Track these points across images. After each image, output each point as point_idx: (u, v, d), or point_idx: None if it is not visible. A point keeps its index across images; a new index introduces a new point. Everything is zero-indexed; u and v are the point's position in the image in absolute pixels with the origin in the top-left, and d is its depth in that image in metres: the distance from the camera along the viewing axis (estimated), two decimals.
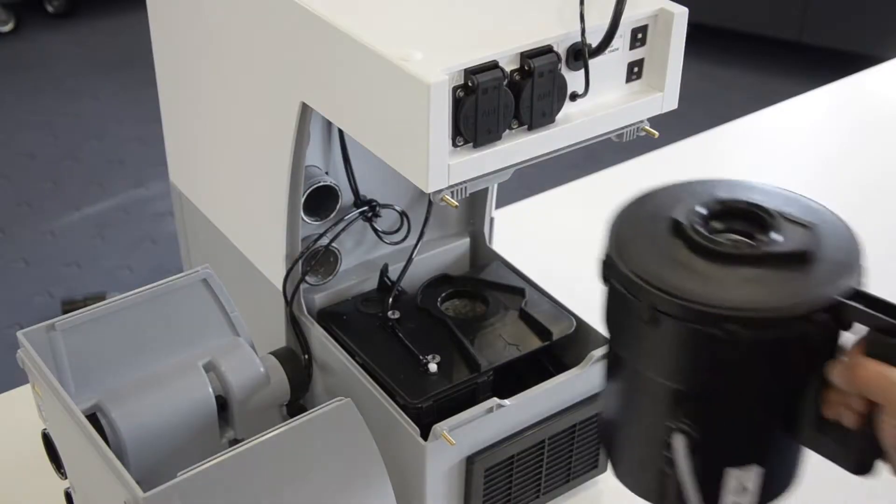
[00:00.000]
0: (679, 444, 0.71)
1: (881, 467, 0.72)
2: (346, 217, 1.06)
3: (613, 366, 0.78)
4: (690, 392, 0.71)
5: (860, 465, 0.72)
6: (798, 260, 0.70)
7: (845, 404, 0.70)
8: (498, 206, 1.20)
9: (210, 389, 0.93)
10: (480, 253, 1.18)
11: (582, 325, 1.04)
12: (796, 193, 0.78)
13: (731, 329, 0.66)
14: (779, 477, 0.77)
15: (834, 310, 0.68)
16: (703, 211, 0.74)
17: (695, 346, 0.68)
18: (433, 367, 0.97)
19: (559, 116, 0.81)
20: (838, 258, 0.72)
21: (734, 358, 0.68)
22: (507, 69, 0.78)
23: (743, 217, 0.75)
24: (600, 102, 0.84)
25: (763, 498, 0.76)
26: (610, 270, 0.70)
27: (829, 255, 0.72)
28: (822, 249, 0.72)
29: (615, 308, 0.72)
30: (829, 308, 0.68)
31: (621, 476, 0.82)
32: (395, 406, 0.94)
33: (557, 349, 1.03)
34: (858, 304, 0.69)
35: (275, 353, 1.00)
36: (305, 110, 0.91)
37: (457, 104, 0.76)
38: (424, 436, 0.91)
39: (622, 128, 0.87)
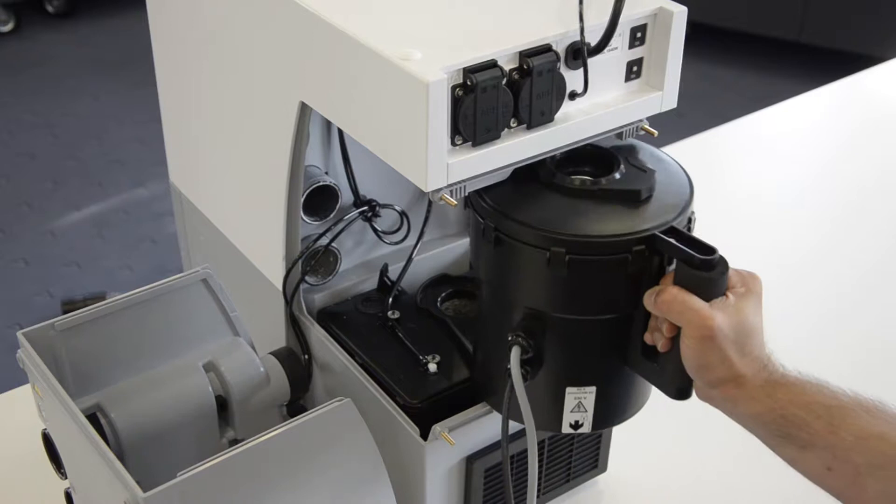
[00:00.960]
0: (514, 355, 0.83)
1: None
2: (346, 217, 1.06)
3: (477, 291, 0.91)
4: (527, 308, 0.83)
5: (679, 391, 0.83)
6: (630, 197, 0.82)
7: (658, 329, 0.81)
8: None
9: (210, 389, 0.93)
10: None
11: None
12: (650, 146, 0.91)
13: (558, 251, 0.78)
14: (615, 400, 0.89)
15: (650, 242, 0.79)
16: (559, 155, 0.85)
17: (528, 265, 0.80)
18: (433, 367, 0.97)
19: (558, 115, 0.81)
20: (667, 200, 0.84)
21: (562, 278, 0.79)
22: (506, 68, 0.78)
23: (592, 161, 0.86)
24: (599, 101, 0.84)
25: (600, 417, 0.88)
26: (472, 203, 0.84)
27: (660, 197, 0.84)
28: (654, 191, 0.84)
29: (474, 234, 0.84)
30: (646, 240, 0.79)
31: (486, 396, 0.92)
32: (395, 406, 0.94)
33: None
34: (671, 238, 0.79)
35: (275, 353, 1.00)
36: (305, 110, 0.91)
37: (456, 103, 0.75)
38: (424, 436, 0.91)
39: (621, 127, 0.87)
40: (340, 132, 1.02)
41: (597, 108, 0.84)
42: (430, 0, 0.86)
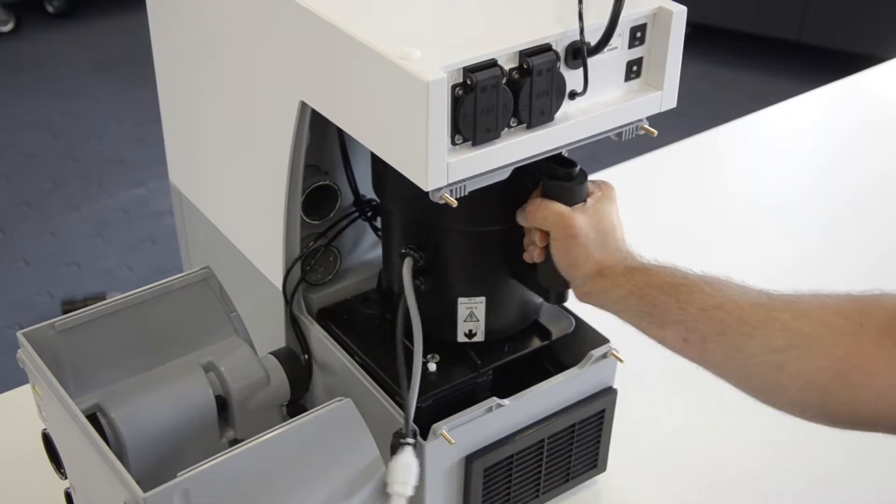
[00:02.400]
0: (407, 266, 0.91)
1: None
2: (346, 217, 1.06)
3: (384, 233, 0.99)
4: (418, 223, 0.92)
5: (557, 295, 0.94)
6: None
7: (532, 242, 0.89)
8: None
9: (210, 389, 0.93)
10: None
11: (581, 325, 1.04)
12: None
13: None
14: (505, 310, 0.98)
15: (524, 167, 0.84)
16: None
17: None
18: (433, 366, 0.97)
19: (558, 115, 0.81)
20: None
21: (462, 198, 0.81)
22: (506, 67, 0.78)
23: None
24: (599, 101, 0.84)
25: (491, 327, 0.97)
26: None
27: None
28: None
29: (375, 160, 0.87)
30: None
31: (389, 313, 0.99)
32: (395, 406, 0.94)
33: (557, 349, 1.03)
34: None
35: (275, 353, 1.00)
36: (304, 109, 0.91)
37: (456, 102, 0.75)
38: (424, 435, 0.91)
39: (621, 126, 0.87)
40: (340, 132, 1.01)
41: (596, 107, 0.84)
42: (430, 0, 0.86)
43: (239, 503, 0.80)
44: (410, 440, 0.88)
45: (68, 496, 0.98)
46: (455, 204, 0.79)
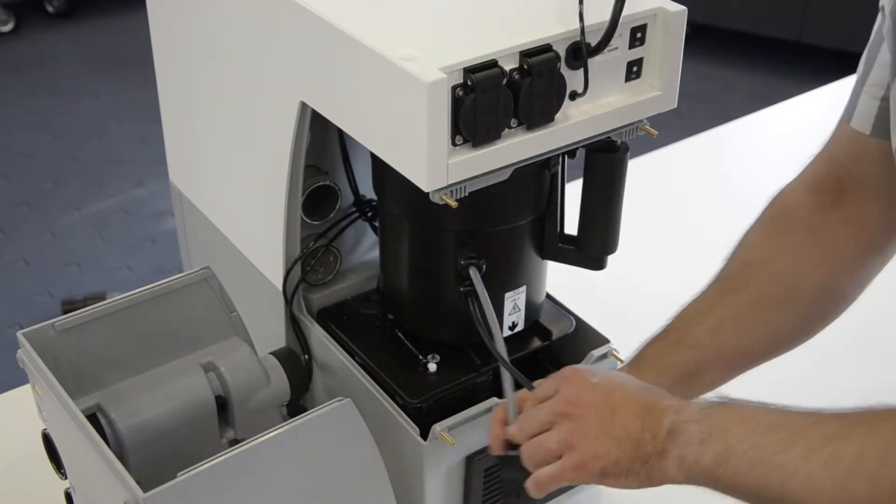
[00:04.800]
0: (475, 274, 0.91)
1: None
2: (346, 217, 1.06)
3: (394, 239, 1.00)
4: (472, 231, 0.93)
5: (597, 261, 0.98)
6: None
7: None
8: None
9: (210, 389, 0.93)
10: None
11: (581, 325, 1.04)
12: None
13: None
14: (536, 295, 1.02)
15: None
16: None
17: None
18: (433, 366, 0.97)
19: (558, 115, 0.81)
20: None
21: (499, 194, 0.84)
22: (507, 68, 0.78)
23: None
24: (599, 102, 0.84)
25: (528, 313, 1.00)
26: None
27: None
28: None
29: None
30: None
31: (425, 326, 1.01)
32: (395, 406, 0.94)
33: (557, 349, 1.03)
34: None
35: (275, 353, 1.00)
36: (304, 110, 0.91)
37: (456, 103, 0.75)
38: (424, 435, 0.91)
39: (621, 127, 0.87)
40: (340, 132, 1.02)
41: (597, 108, 0.84)
42: (430, 0, 0.86)
43: (239, 503, 0.80)
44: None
45: (68, 496, 0.98)
46: (455, 205, 0.79)
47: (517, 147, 0.80)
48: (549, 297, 1.07)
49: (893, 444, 0.65)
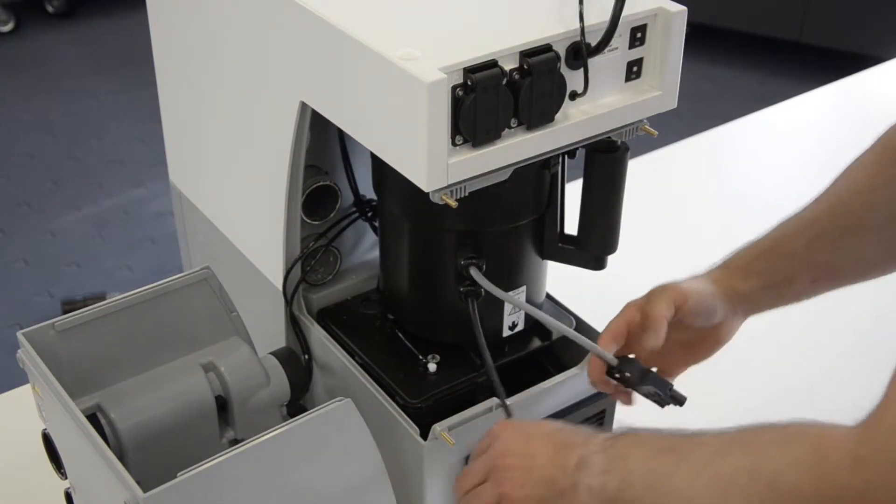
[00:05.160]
0: (476, 272, 0.92)
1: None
2: (346, 217, 1.06)
3: (394, 239, 1.00)
4: (472, 231, 0.93)
5: (596, 260, 0.98)
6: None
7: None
8: None
9: (210, 389, 0.93)
10: None
11: (582, 325, 1.04)
12: None
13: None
14: (536, 295, 1.02)
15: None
16: None
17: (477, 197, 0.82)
18: (433, 366, 0.97)
19: (558, 116, 0.81)
20: None
21: (496, 195, 0.84)
22: (507, 68, 0.78)
23: None
24: (600, 102, 0.84)
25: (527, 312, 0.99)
26: None
27: None
28: None
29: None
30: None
31: (425, 326, 1.01)
32: (395, 406, 0.94)
33: (557, 349, 1.03)
34: None
35: (275, 353, 1.00)
36: (304, 109, 0.91)
37: (456, 103, 0.75)
38: (424, 435, 0.91)
39: (621, 127, 0.87)
40: (340, 132, 1.02)
41: (597, 108, 0.84)
42: (430, 0, 0.86)
43: (239, 503, 0.80)
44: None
45: (68, 496, 0.98)
46: (455, 205, 0.79)
47: (517, 147, 0.80)
48: (549, 297, 1.07)
49: (762, 458, 0.68)
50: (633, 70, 0.85)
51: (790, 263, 0.96)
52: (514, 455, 0.85)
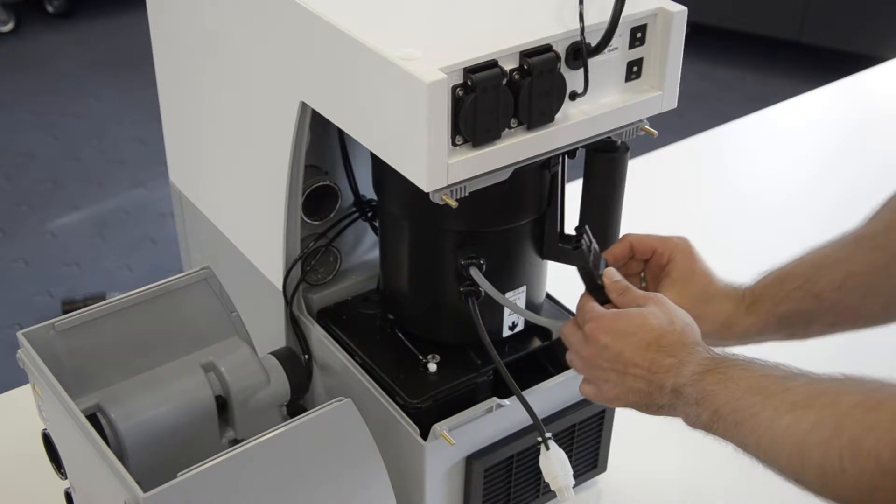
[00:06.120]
0: (476, 272, 0.92)
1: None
2: (346, 217, 1.06)
3: (392, 239, 1.00)
4: (472, 231, 0.93)
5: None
6: None
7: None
8: None
9: (210, 389, 0.93)
10: None
11: None
12: None
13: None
14: (537, 293, 1.02)
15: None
16: None
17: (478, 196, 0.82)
18: (433, 366, 0.97)
19: (558, 116, 0.81)
20: None
21: (498, 195, 0.85)
22: (507, 68, 0.78)
23: None
24: (600, 102, 0.84)
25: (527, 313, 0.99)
26: None
27: None
28: None
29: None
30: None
31: (425, 326, 1.01)
32: (395, 406, 0.94)
33: (557, 349, 1.03)
34: None
35: (275, 353, 1.00)
36: (304, 109, 0.91)
37: (456, 103, 0.75)
38: (424, 436, 0.91)
39: (621, 127, 0.87)
40: (340, 132, 1.02)
41: (597, 108, 0.84)
42: (430, 0, 0.86)
43: (239, 503, 0.80)
44: (548, 437, 0.91)
45: (68, 496, 0.98)
46: (455, 205, 0.79)
47: (517, 147, 0.80)
48: (549, 297, 1.07)
49: (848, 416, 0.69)
50: (633, 70, 0.85)
51: (816, 305, 0.94)
52: (600, 368, 0.85)
